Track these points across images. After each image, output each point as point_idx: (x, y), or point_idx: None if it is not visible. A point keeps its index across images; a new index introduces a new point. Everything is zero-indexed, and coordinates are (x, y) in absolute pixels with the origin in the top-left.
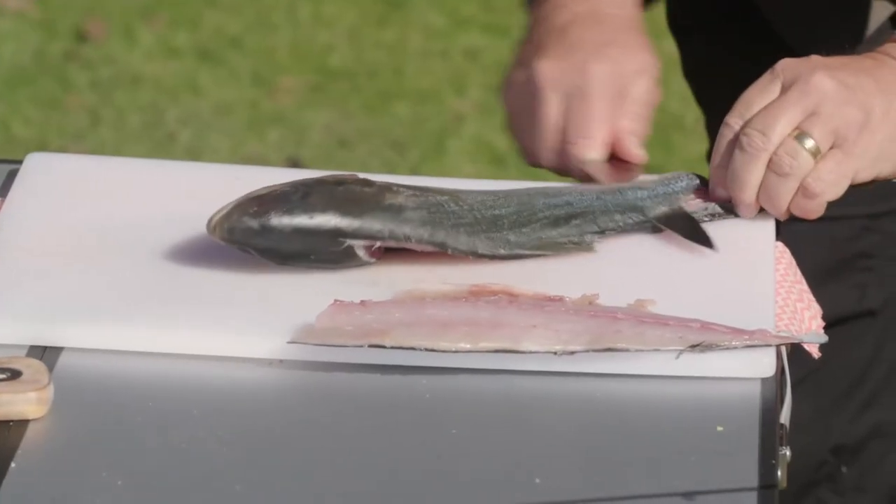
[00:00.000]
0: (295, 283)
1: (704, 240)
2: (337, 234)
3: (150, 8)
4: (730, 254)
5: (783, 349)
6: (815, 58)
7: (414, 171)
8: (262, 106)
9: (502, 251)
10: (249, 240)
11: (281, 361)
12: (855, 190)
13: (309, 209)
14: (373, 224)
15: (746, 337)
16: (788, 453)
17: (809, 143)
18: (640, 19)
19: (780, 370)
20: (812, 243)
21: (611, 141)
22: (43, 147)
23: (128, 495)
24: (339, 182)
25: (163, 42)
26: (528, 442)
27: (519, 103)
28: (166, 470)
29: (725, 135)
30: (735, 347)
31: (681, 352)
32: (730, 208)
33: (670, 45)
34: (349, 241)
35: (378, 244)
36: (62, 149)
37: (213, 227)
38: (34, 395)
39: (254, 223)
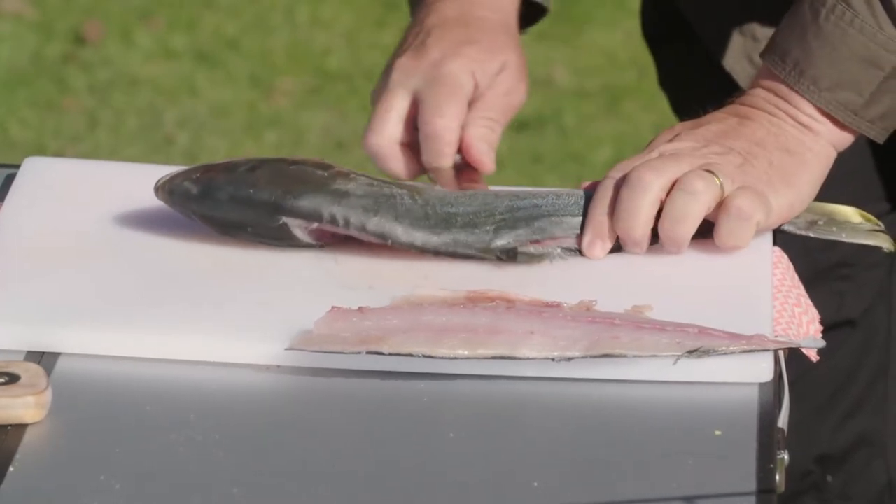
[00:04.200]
0: (293, 288)
1: None
2: (273, 209)
3: (147, 10)
4: (727, 258)
5: (781, 354)
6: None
7: None
8: (259, 108)
9: (443, 248)
10: (188, 204)
11: (278, 367)
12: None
13: (250, 182)
14: (310, 204)
15: (744, 342)
16: (786, 457)
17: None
18: (513, 23)
19: (778, 374)
20: (790, 252)
21: (462, 146)
22: (40, 149)
23: (125, 499)
24: (295, 162)
25: (160, 44)
26: (526, 446)
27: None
28: (164, 474)
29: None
30: (733, 352)
31: (678, 357)
32: None
33: None
34: (284, 219)
35: (315, 226)
36: (59, 151)
37: (157, 188)
38: (32, 400)
39: (193, 188)
